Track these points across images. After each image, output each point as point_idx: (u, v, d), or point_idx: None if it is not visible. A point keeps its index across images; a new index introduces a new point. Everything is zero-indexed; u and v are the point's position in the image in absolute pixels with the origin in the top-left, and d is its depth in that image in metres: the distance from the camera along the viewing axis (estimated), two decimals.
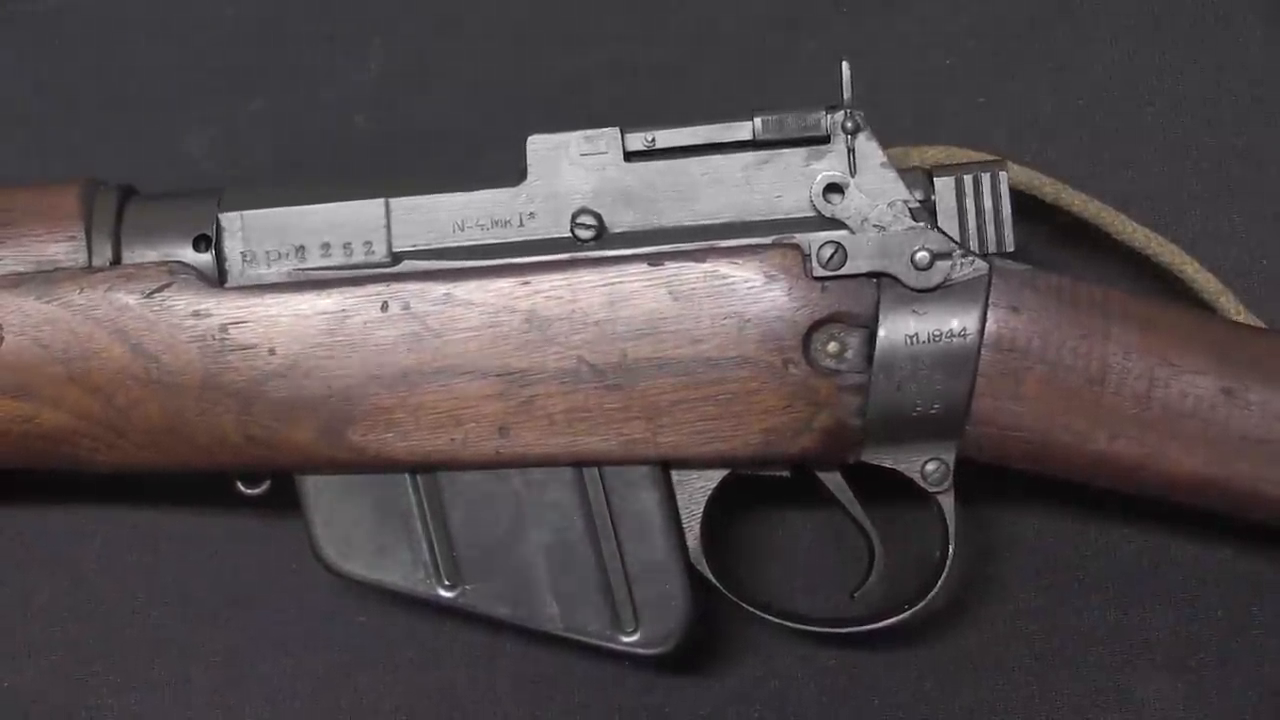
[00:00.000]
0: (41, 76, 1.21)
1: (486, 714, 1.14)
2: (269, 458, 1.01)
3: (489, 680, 1.14)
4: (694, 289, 0.98)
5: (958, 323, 0.97)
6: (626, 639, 1.03)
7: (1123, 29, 1.18)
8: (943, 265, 0.97)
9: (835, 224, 0.98)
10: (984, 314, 0.97)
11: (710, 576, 1.04)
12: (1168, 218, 1.14)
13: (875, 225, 0.98)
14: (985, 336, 0.97)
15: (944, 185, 0.99)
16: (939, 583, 1.04)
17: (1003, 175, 0.99)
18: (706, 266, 0.98)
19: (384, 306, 0.98)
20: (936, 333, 0.97)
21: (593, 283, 0.98)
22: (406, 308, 0.98)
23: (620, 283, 0.98)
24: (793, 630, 1.08)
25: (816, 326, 0.98)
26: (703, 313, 0.98)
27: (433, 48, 1.20)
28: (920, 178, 0.99)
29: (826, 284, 0.98)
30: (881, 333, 0.97)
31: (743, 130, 0.99)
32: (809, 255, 0.98)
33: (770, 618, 1.06)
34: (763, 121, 0.99)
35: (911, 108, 1.18)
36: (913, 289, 0.97)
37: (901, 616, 1.05)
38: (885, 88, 1.16)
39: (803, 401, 0.98)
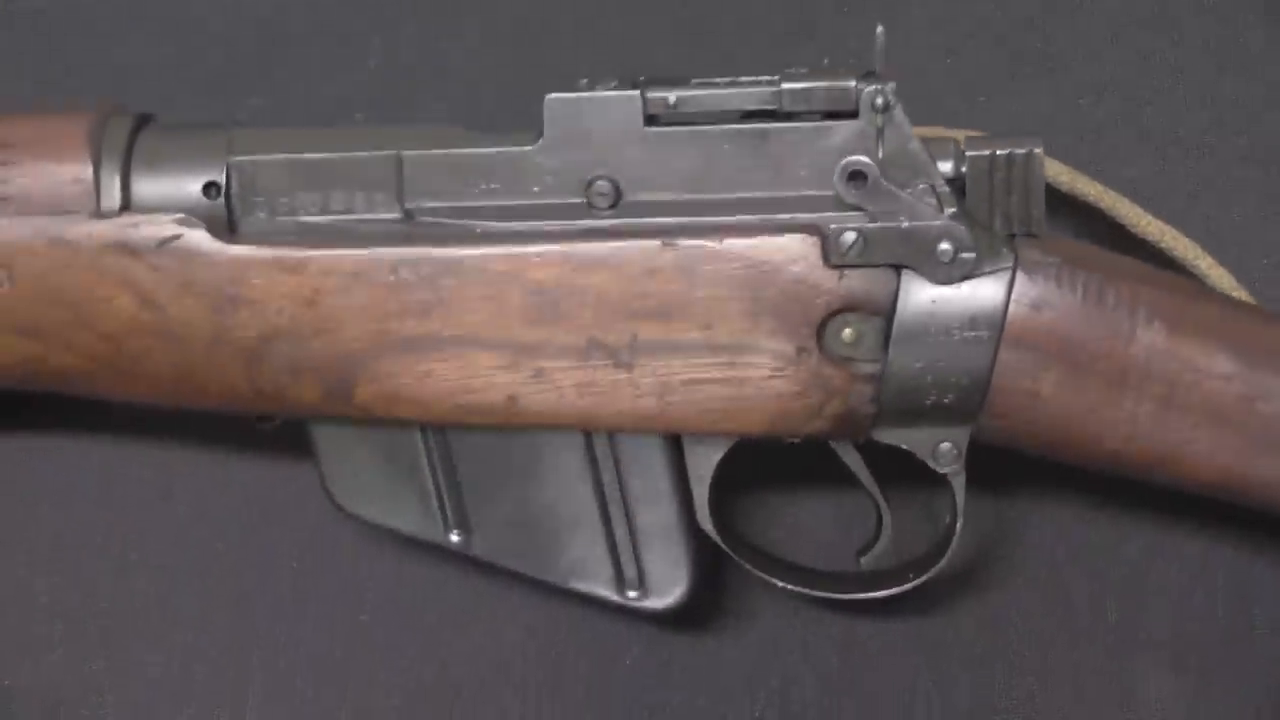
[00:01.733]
0: (41, 76, 1.21)
1: (487, 714, 1.14)
2: (278, 409, 1.00)
3: (489, 680, 1.14)
4: (708, 272, 0.96)
5: (977, 318, 0.95)
6: (632, 595, 1.03)
7: (1123, 29, 1.18)
8: (965, 259, 0.95)
9: (858, 208, 0.95)
10: (1005, 311, 0.95)
11: (716, 538, 1.03)
12: (1168, 218, 1.14)
13: (899, 215, 0.95)
14: (1004, 334, 0.95)
15: (976, 161, 0.97)
16: (945, 556, 1.03)
17: (1037, 153, 0.97)
18: (722, 248, 0.95)
19: (394, 271, 0.96)
20: (955, 327, 0.95)
21: (605, 259, 0.96)
22: (417, 274, 0.96)
23: (633, 261, 0.96)
24: (796, 596, 1.07)
25: (832, 314, 0.96)
26: (716, 297, 0.96)
27: (433, 48, 1.20)
28: (952, 149, 0.97)
29: (845, 272, 0.95)
30: (898, 323, 0.95)
31: (768, 98, 0.96)
32: (829, 242, 0.95)
33: (775, 580, 1.05)
34: (790, 91, 0.96)
35: (911, 108, 1.17)
36: (934, 281, 0.95)
37: (905, 587, 1.04)
38: None
39: (816, 388, 0.97)
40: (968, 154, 0.97)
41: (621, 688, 1.14)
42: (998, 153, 0.97)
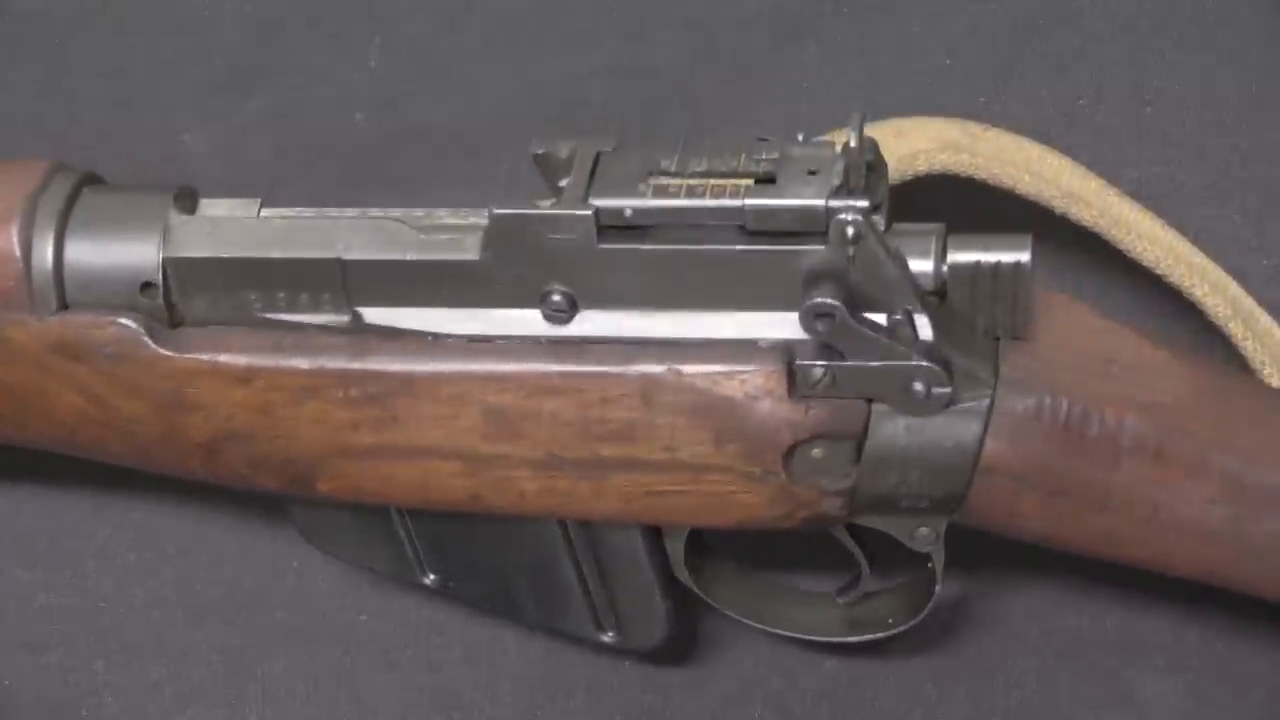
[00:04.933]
0: (41, 76, 1.21)
1: (486, 714, 1.14)
2: (243, 490, 0.99)
3: (489, 681, 1.14)
4: (667, 401, 0.91)
5: (950, 447, 0.90)
6: (608, 637, 1.04)
7: (1123, 29, 1.18)
8: (940, 394, 0.89)
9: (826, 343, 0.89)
10: (980, 444, 0.90)
11: (694, 588, 1.02)
12: (1168, 218, 1.14)
13: (871, 353, 0.88)
14: (979, 463, 0.90)
15: (958, 270, 0.89)
16: (925, 610, 1.02)
17: (1024, 263, 0.88)
18: (682, 379, 0.90)
19: (343, 388, 0.93)
20: (927, 453, 0.90)
21: (560, 387, 0.91)
22: (366, 393, 0.93)
23: (589, 389, 0.91)
24: (777, 636, 1.07)
25: (799, 443, 0.91)
26: (678, 424, 0.91)
27: (433, 48, 1.20)
28: (933, 247, 0.89)
29: (812, 404, 0.90)
30: (869, 448, 0.90)
31: (732, 215, 0.87)
32: (795, 375, 0.89)
33: (751, 623, 1.05)
34: (755, 210, 0.87)
35: (911, 108, 1.17)
36: (907, 414, 0.90)
37: (884, 634, 1.04)
38: (885, 88, 1.16)
39: (784, 502, 0.93)
40: (950, 258, 0.89)
41: (621, 690, 1.14)
42: (983, 261, 0.89)
